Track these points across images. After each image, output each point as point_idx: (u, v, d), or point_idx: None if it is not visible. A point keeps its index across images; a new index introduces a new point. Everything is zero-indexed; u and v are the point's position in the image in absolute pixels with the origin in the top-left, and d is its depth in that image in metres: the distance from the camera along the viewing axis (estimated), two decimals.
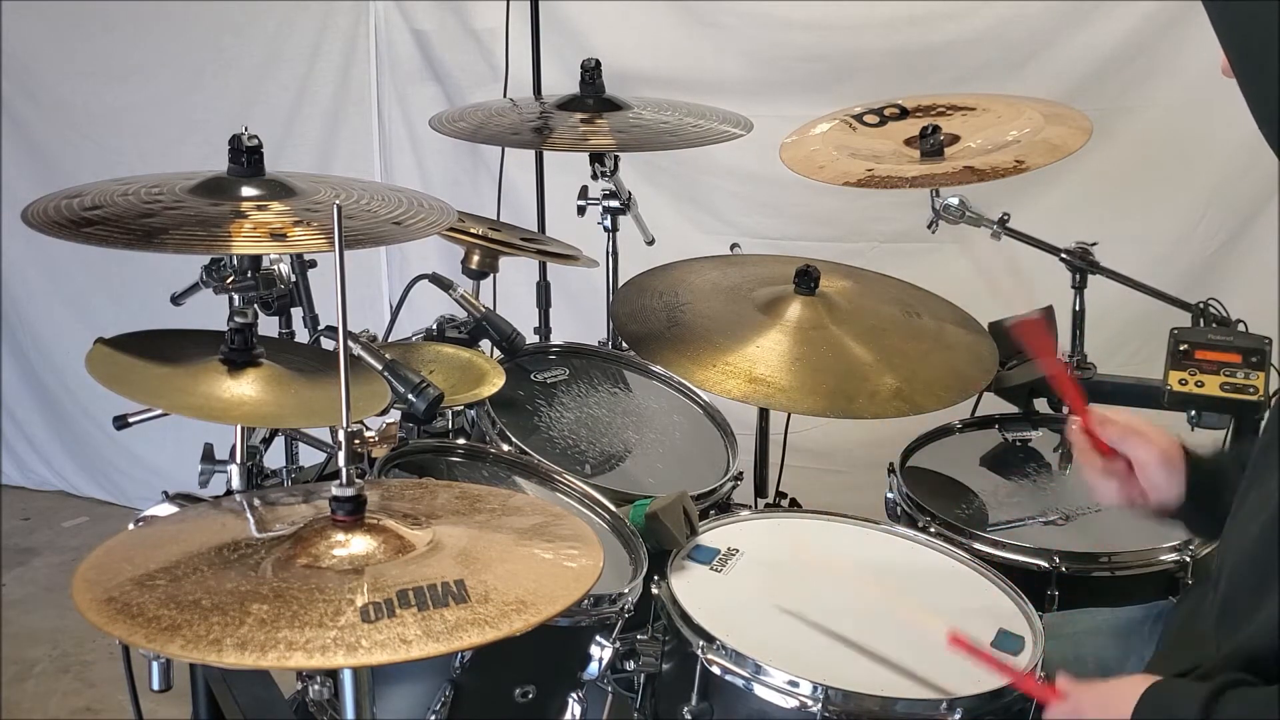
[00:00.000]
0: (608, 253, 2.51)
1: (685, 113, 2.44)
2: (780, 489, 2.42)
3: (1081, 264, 2.27)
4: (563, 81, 2.76)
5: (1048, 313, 2.24)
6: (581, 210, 2.47)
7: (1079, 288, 2.31)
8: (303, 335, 2.12)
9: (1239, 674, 1.25)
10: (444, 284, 2.16)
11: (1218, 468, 1.56)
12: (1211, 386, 2.09)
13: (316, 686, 1.62)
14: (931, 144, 2.20)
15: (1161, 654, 1.55)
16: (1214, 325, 2.21)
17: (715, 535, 1.79)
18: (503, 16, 3.06)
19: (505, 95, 3.05)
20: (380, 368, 1.77)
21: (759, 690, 1.48)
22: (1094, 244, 2.29)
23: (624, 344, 2.29)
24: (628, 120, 2.36)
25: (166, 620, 1.12)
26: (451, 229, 2.11)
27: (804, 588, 1.68)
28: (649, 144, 2.39)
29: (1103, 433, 1.54)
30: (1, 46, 3.54)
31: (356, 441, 1.69)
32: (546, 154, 3.08)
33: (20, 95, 3.60)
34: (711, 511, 1.96)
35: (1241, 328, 2.19)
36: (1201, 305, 2.24)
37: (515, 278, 2.84)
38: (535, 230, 3.02)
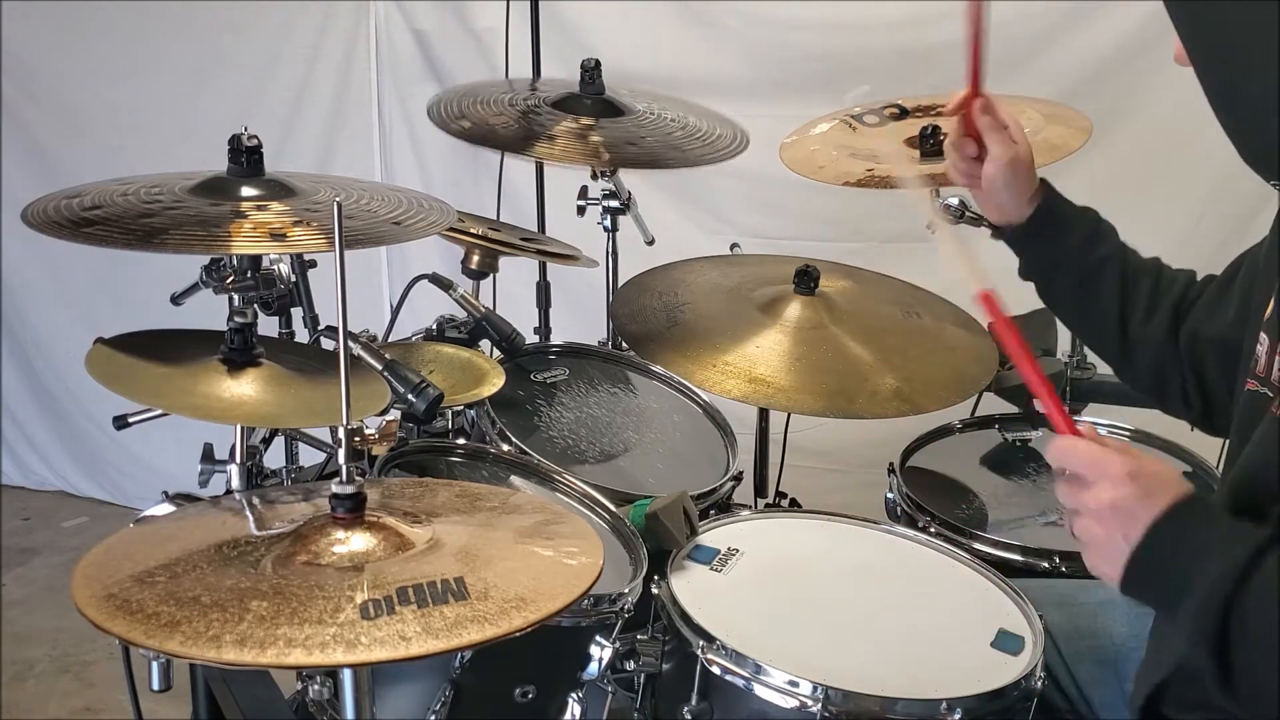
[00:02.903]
0: (608, 253, 2.51)
1: (685, 113, 2.43)
2: (780, 489, 2.42)
3: None
4: (563, 80, 2.76)
5: (1047, 312, 2.24)
6: (581, 210, 2.47)
7: None
8: (303, 335, 2.13)
9: None
10: (444, 284, 2.16)
11: (1070, 212, 1.71)
12: None
13: (316, 686, 1.62)
14: (931, 144, 2.20)
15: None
16: None
17: (715, 535, 1.79)
18: (503, 16, 3.06)
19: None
20: (380, 368, 1.77)
21: (759, 690, 1.47)
22: None
23: (624, 344, 2.29)
24: (626, 132, 2.34)
25: (166, 617, 1.12)
26: (451, 229, 2.11)
27: (804, 588, 1.68)
28: (646, 162, 2.37)
29: (978, 117, 1.69)
30: (1, 46, 3.54)
31: (356, 439, 1.69)
32: None
33: (20, 95, 3.60)
34: (711, 511, 1.96)
35: None
36: None
37: (515, 278, 2.84)
38: (535, 230, 3.02)
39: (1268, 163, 1.19)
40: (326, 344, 1.97)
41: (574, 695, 1.57)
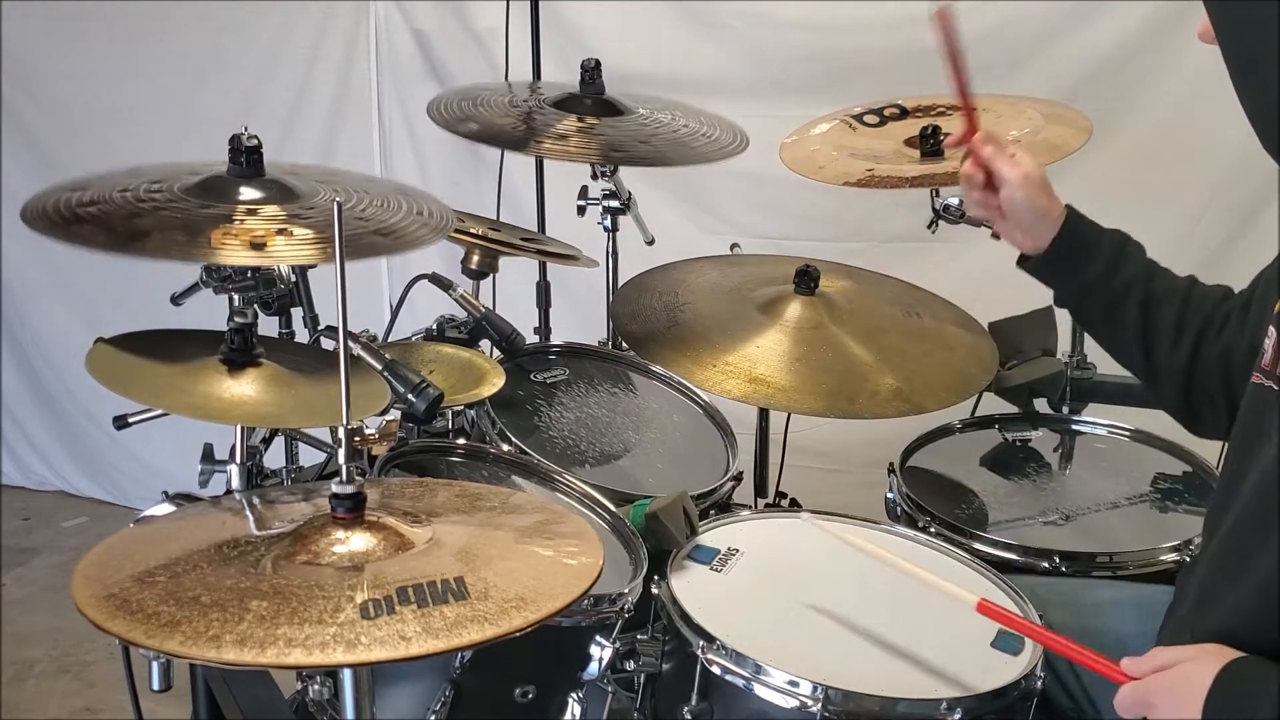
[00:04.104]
0: (608, 253, 2.51)
1: (684, 117, 2.43)
2: (780, 489, 2.42)
3: None
4: (563, 82, 2.76)
5: (1047, 312, 2.24)
6: (581, 210, 2.47)
7: None
8: (303, 335, 2.12)
9: None
10: (444, 284, 2.16)
11: (1093, 237, 1.68)
12: None
13: (316, 686, 1.62)
14: (931, 144, 2.20)
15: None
16: None
17: (715, 535, 1.79)
18: (503, 16, 3.06)
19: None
20: (380, 368, 1.77)
21: (759, 690, 1.47)
22: None
23: (624, 344, 2.29)
24: (624, 130, 2.34)
25: (165, 616, 1.12)
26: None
27: (804, 588, 1.68)
28: (644, 160, 2.37)
29: (980, 149, 1.68)
30: (1, 46, 3.54)
31: (356, 439, 1.69)
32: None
33: (20, 95, 3.60)
34: (711, 511, 1.96)
35: None
36: None
37: (515, 278, 2.84)
38: (535, 230, 3.02)
39: None
40: (326, 344, 1.97)
41: (574, 695, 1.57)
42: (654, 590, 1.64)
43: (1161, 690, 1.28)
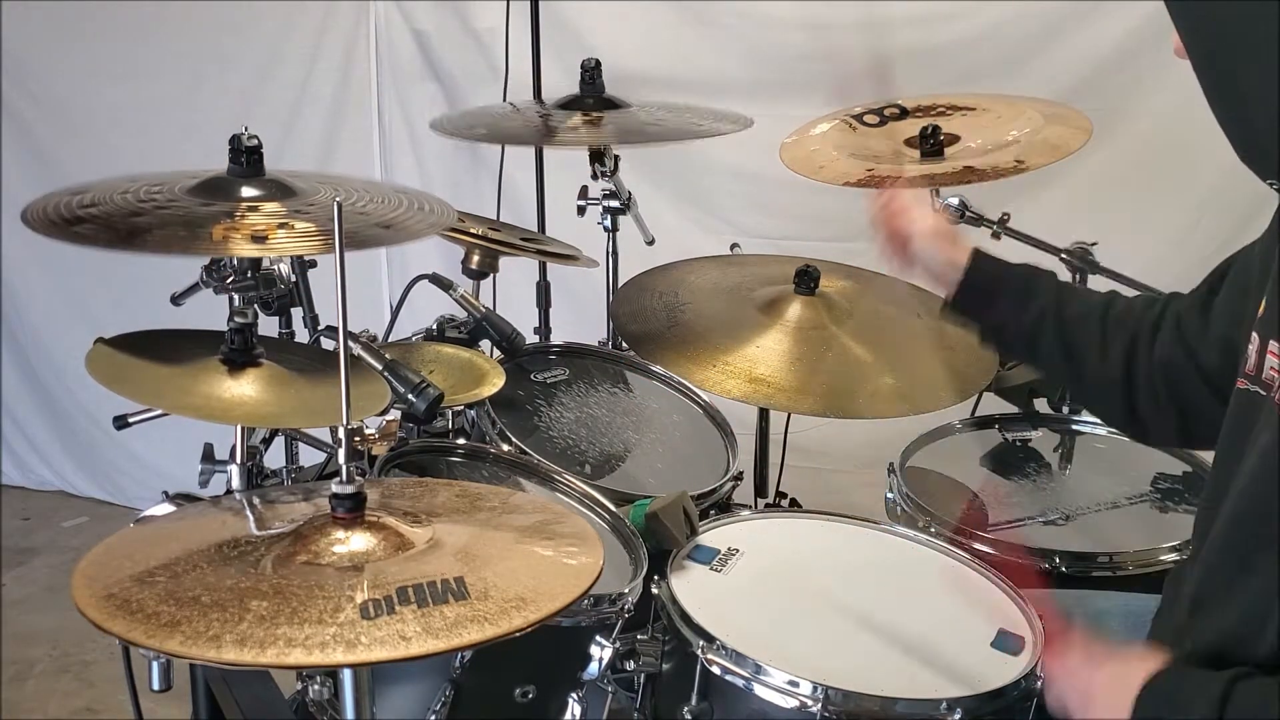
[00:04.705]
0: (608, 253, 2.52)
1: (685, 112, 2.44)
2: (780, 489, 2.42)
3: (1081, 264, 2.27)
4: (563, 81, 2.76)
5: None
6: (581, 210, 2.47)
7: None
8: (303, 335, 2.13)
9: (1248, 667, 1.25)
10: (444, 284, 2.16)
11: (996, 275, 1.73)
12: None
13: (316, 686, 1.62)
14: (931, 144, 2.20)
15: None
16: None
17: (715, 535, 1.79)
18: (503, 16, 3.06)
19: (505, 97, 3.05)
20: (380, 368, 1.77)
21: (759, 690, 1.47)
22: (1094, 244, 2.29)
23: (624, 344, 2.29)
24: (628, 116, 2.36)
25: (166, 616, 1.12)
26: (451, 229, 2.11)
27: (804, 588, 1.68)
28: (649, 136, 2.39)
29: (891, 216, 1.79)
30: (1, 46, 3.54)
31: (356, 439, 1.69)
32: (546, 154, 3.09)
33: (20, 95, 3.60)
34: (711, 511, 1.96)
35: None
36: None
37: (515, 278, 2.84)
38: (535, 230, 3.02)
39: (1262, 159, 1.19)
40: (326, 344, 1.97)
41: (574, 695, 1.57)
42: (654, 590, 1.64)
43: (1096, 685, 1.33)
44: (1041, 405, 2.30)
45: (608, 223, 2.50)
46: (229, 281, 1.75)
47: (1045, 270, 1.75)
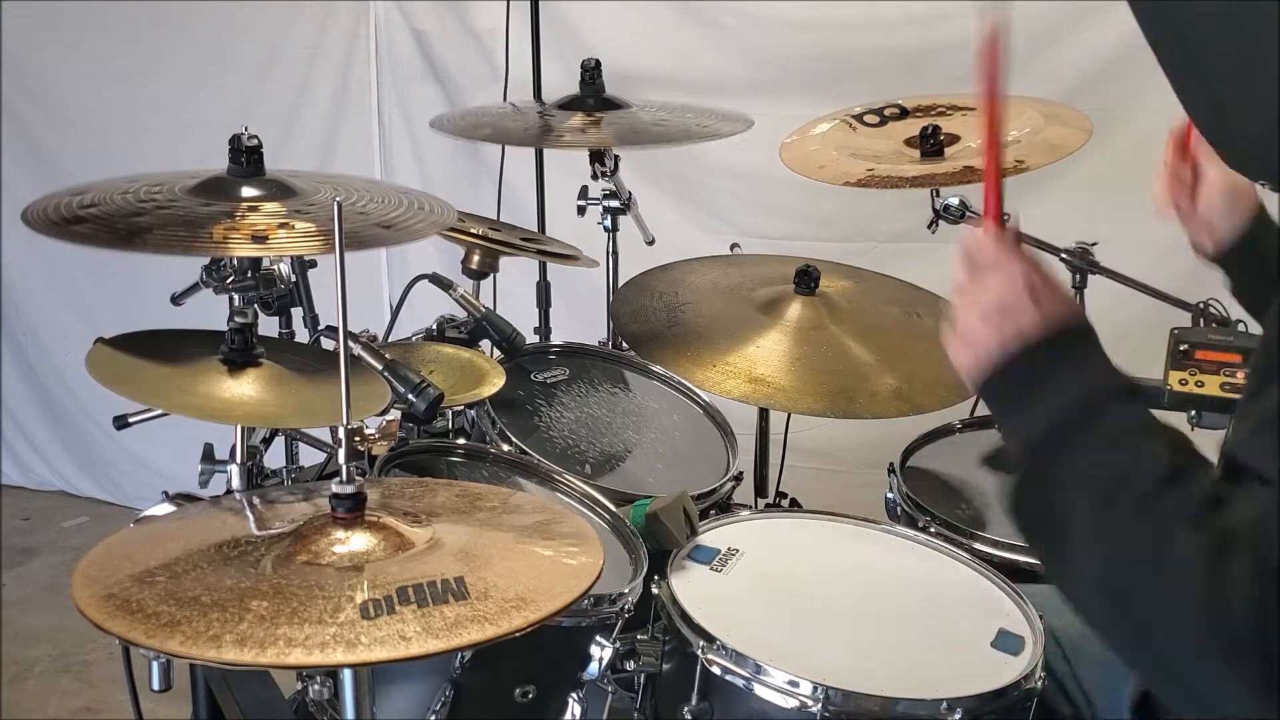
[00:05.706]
0: (608, 253, 2.51)
1: (685, 112, 2.44)
2: (780, 489, 2.42)
3: (1081, 264, 2.27)
4: (563, 81, 2.76)
5: None
6: (581, 210, 2.47)
7: (1079, 288, 2.31)
8: (303, 335, 2.12)
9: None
10: (444, 284, 2.16)
11: (1275, 243, 1.63)
12: (1212, 386, 2.08)
13: (316, 686, 1.62)
14: (931, 144, 2.20)
15: None
16: (1214, 325, 2.20)
17: (715, 535, 1.79)
18: (503, 16, 3.06)
19: (505, 97, 3.05)
20: (380, 368, 1.77)
21: (759, 690, 1.47)
22: (1094, 244, 2.29)
23: (624, 344, 2.29)
24: (628, 117, 2.36)
25: (166, 616, 1.12)
26: (451, 229, 2.11)
27: (804, 588, 1.68)
28: (649, 136, 2.39)
29: (1198, 144, 1.63)
30: (1, 46, 3.54)
31: (356, 439, 1.69)
32: (546, 154, 3.09)
33: (20, 95, 3.60)
34: (711, 511, 1.96)
35: (1241, 328, 2.19)
36: (1201, 305, 2.23)
37: (515, 278, 2.84)
38: (535, 230, 3.02)
39: (1248, 163, 1.18)
40: (326, 344, 1.96)
41: (574, 695, 1.57)
42: (654, 590, 1.64)
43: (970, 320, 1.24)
44: None
45: (608, 223, 2.50)
46: (229, 281, 1.75)
47: None
